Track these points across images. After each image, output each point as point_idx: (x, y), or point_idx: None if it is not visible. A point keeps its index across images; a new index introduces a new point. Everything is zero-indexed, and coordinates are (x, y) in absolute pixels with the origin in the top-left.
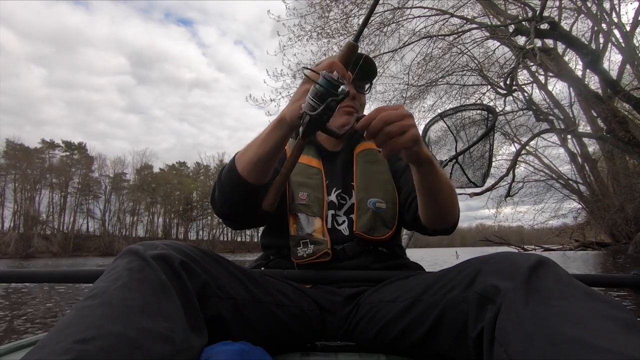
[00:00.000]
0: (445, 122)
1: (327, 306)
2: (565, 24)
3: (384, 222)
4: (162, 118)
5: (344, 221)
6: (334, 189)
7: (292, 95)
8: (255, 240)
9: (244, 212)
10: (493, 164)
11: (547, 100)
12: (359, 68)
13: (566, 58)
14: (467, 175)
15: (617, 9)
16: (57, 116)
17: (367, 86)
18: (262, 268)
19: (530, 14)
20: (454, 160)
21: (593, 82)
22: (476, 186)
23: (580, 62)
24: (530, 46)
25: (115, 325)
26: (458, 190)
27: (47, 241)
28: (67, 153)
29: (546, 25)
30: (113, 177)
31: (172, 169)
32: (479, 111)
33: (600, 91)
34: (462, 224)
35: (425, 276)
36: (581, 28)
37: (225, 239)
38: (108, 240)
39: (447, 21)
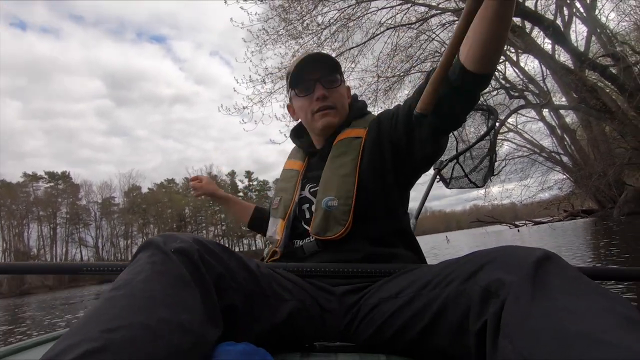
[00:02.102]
0: None
1: (326, 304)
2: (529, 2)
3: (335, 220)
4: (146, 137)
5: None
6: (308, 185)
7: (264, 100)
8: (254, 248)
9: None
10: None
11: (521, 76)
12: (320, 65)
13: (534, 34)
14: (468, 176)
15: None
16: (38, 147)
17: (337, 78)
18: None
19: None
20: (455, 160)
21: (564, 55)
22: (477, 187)
23: (547, 37)
24: None
25: (138, 315)
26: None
27: (41, 275)
28: (52, 184)
29: None
30: (102, 203)
31: (161, 187)
32: (479, 112)
33: (571, 63)
34: (457, 207)
35: (426, 270)
36: (546, 4)
37: None
38: None
39: (409, 10)
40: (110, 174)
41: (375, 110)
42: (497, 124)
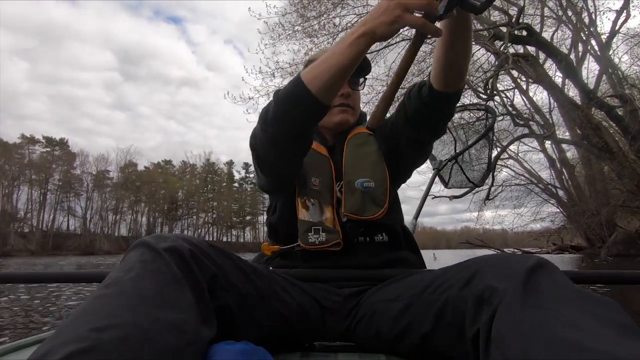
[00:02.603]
0: None
1: (328, 305)
2: (546, 33)
3: (373, 200)
4: (149, 115)
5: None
6: (338, 182)
7: (271, 93)
8: (242, 240)
9: (298, 138)
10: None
11: (528, 105)
12: None
13: (547, 65)
14: (467, 175)
15: (594, 18)
16: (40, 111)
17: (361, 81)
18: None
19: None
20: (454, 160)
21: (572, 90)
22: (475, 186)
23: (559, 70)
24: (504, 50)
25: (129, 315)
26: (439, 192)
27: (25, 239)
28: (48, 149)
29: (524, 32)
30: (96, 175)
31: (158, 167)
32: (478, 112)
33: (579, 98)
34: (448, 226)
35: (425, 275)
36: (562, 37)
37: (211, 238)
38: (89, 239)
39: None
40: (108, 147)
41: None
42: (499, 149)
